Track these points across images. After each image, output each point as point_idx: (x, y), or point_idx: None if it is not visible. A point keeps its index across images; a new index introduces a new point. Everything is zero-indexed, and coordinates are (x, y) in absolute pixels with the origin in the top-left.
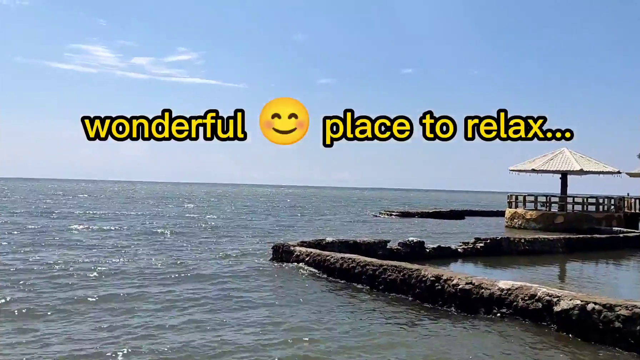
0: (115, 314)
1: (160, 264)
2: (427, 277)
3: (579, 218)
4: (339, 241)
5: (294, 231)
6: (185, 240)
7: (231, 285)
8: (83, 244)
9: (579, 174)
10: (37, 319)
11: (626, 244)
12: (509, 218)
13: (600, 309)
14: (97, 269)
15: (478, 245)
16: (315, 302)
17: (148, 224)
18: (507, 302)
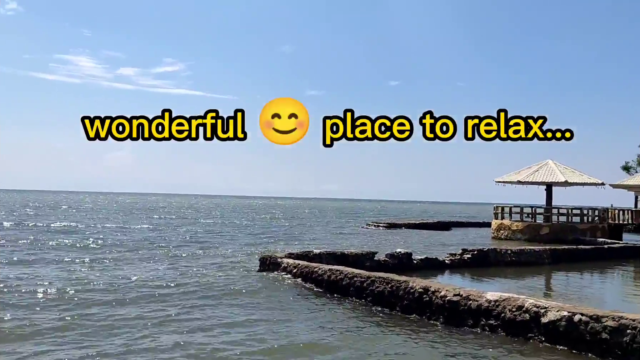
0: (93, 337)
1: (136, 278)
2: (415, 289)
3: (564, 229)
4: (327, 253)
5: (281, 243)
6: (166, 254)
7: (218, 301)
8: (45, 260)
9: (563, 186)
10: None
11: (611, 254)
12: (495, 229)
13: (587, 320)
14: (62, 287)
15: (465, 257)
16: (304, 314)
17: (120, 235)
18: (495, 314)
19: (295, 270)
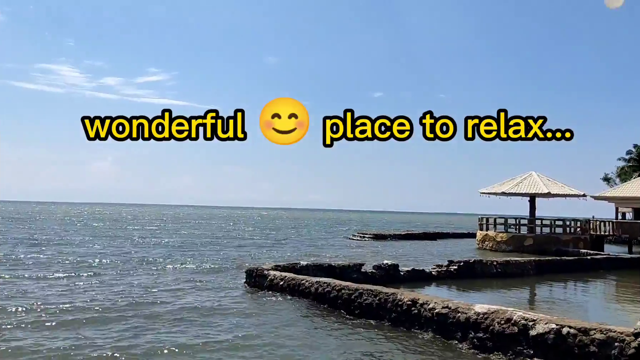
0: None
1: (111, 294)
2: (403, 301)
3: (547, 240)
4: (314, 265)
5: (266, 254)
6: (145, 266)
7: (202, 319)
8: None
9: (546, 197)
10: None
11: (594, 266)
12: (480, 240)
13: (576, 332)
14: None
15: (452, 268)
16: (292, 327)
17: (93, 247)
18: (484, 327)
19: (282, 283)
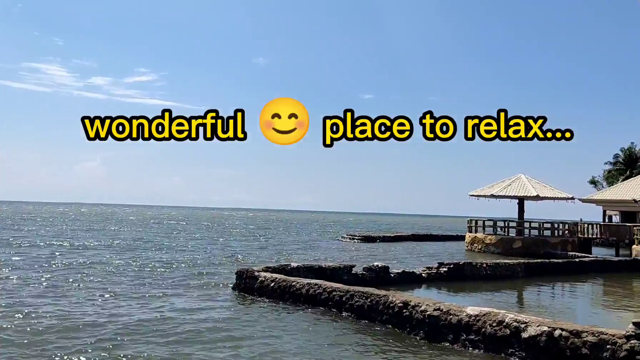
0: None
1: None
2: (395, 303)
3: (536, 243)
4: (304, 266)
5: (256, 256)
6: (130, 267)
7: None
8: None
9: (535, 200)
10: None
11: (582, 268)
12: (469, 242)
13: (568, 335)
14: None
15: (442, 270)
16: (283, 330)
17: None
18: (476, 329)
19: (272, 285)
